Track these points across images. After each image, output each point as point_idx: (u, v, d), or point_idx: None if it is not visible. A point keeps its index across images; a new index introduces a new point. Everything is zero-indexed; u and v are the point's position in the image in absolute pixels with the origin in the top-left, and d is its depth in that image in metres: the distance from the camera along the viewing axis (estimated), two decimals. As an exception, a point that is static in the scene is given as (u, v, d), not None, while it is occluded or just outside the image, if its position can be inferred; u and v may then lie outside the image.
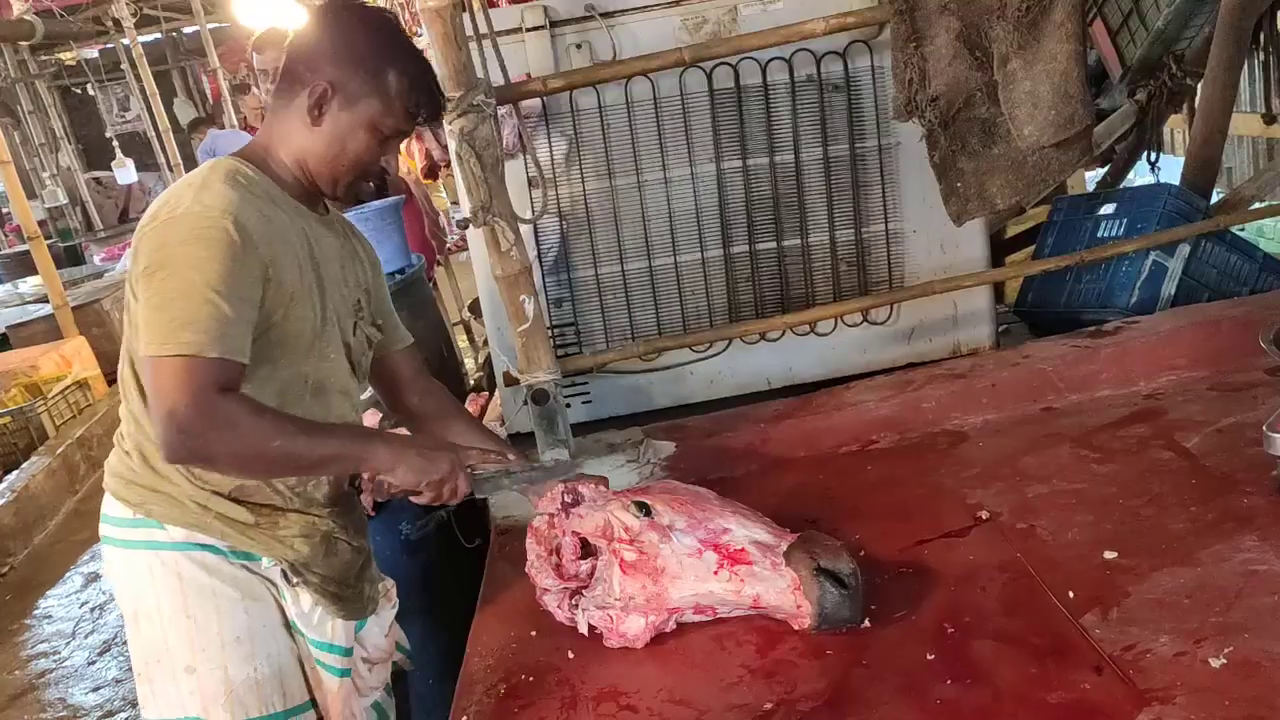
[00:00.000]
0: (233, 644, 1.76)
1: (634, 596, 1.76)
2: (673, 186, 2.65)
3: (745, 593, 1.75)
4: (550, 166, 2.58)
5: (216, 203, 1.61)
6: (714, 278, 2.72)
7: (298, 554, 1.80)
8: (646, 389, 2.78)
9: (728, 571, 1.75)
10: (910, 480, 2.23)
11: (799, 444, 2.43)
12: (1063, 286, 2.99)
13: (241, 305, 1.59)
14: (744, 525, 1.82)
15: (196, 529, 1.75)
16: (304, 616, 1.82)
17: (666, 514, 1.81)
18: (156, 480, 1.75)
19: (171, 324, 1.54)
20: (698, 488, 1.96)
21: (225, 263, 1.57)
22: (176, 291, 1.55)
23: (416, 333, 3.26)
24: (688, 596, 1.76)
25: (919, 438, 2.41)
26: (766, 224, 2.69)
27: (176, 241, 1.58)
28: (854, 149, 2.64)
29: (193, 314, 1.54)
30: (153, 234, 1.61)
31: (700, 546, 1.77)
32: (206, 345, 1.54)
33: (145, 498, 1.76)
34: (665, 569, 1.76)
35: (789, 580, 1.72)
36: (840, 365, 2.78)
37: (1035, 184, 2.25)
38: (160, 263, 1.58)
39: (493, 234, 2.22)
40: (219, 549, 1.77)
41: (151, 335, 1.56)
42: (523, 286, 2.29)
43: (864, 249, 2.72)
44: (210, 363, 1.54)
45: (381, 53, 1.73)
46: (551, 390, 2.36)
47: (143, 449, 1.76)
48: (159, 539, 1.76)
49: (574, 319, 2.73)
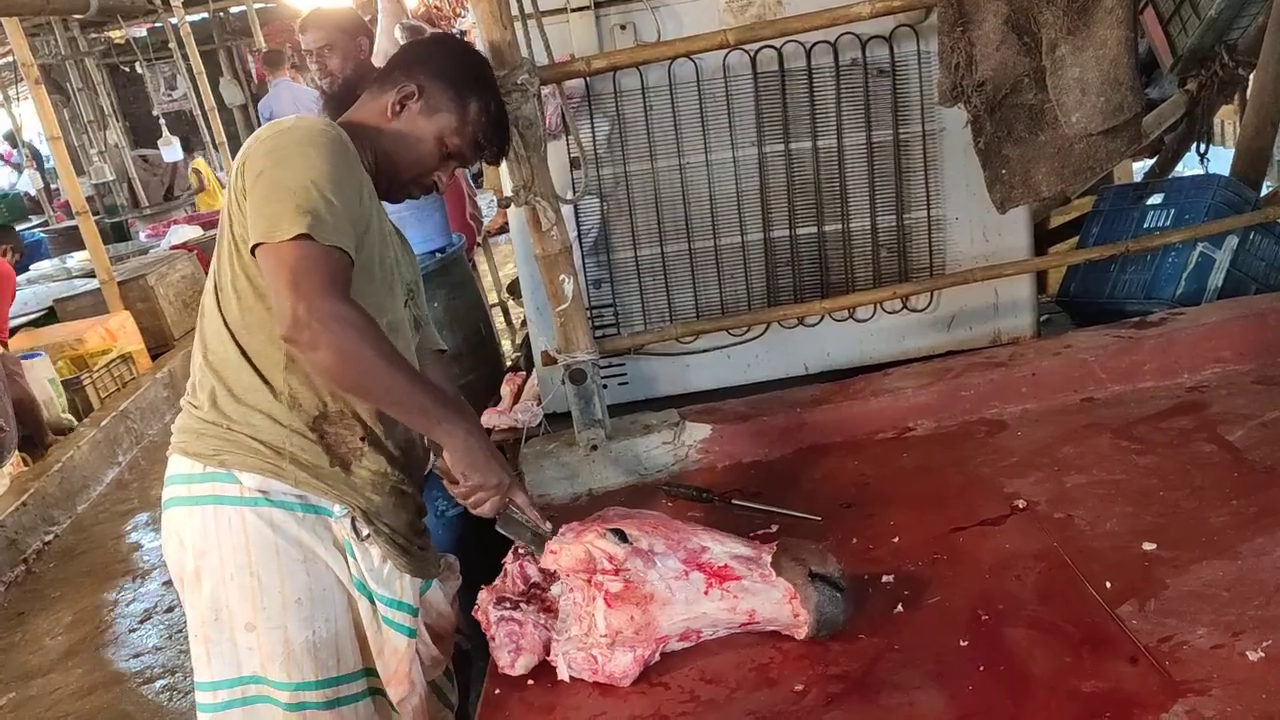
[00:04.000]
0: (294, 605, 1.78)
1: (621, 630, 1.67)
2: (714, 169, 2.65)
3: (740, 608, 1.70)
4: (592, 147, 2.59)
5: (328, 125, 1.73)
6: (753, 262, 2.72)
7: (370, 502, 1.83)
8: (683, 372, 2.78)
9: (718, 590, 1.70)
10: (947, 468, 2.22)
11: (835, 429, 2.43)
12: (1107, 277, 2.95)
13: (349, 206, 1.67)
14: (719, 541, 1.78)
15: (271, 475, 1.77)
16: (374, 572, 1.84)
17: (644, 538, 1.74)
18: (231, 424, 1.77)
19: (290, 210, 1.60)
20: (649, 511, 1.89)
21: (337, 165, 1.67)
22: (293, 182, 1.62)
23: (456, 310, 3.34)
24: (678, 622, 1.70)
25: (957, 426, 2.40)
26: (807, 209, 2.68)
27: (290, 144, 1.67)
28: (898, 134, 2.62)
29: (310, 203, 1.61)
30: (263, 144, 1.69)
31: (684, 568, 1.72)
32: (326, 236, 1.61)
33: (219, 446, 1.77)
34: (654, 595, 1.68)
35: (783, 590, 1.69)
36: (878, 352, 2.78)
37: (1082, 172, 2.22)
38: (275, 161, 1.66)
39: (534, 213, 2.23)
40: (289, 504, 1.79)
41: (270, 223, 1.61)
42: (562, 266, 2.30)
43: (905, 235, 2.70)
44: (329, 254, 1.61)
45: (474, 83, 1.87)
46: (589, 370, 2.37)
47: (216, 394, 1.78)
48: (228, 493, 1.77)
49: (612, 300, 2.73)
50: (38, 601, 4.72)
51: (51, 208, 13.58)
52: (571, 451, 2.42)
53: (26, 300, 8.00)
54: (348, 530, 1.82)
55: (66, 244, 10.74)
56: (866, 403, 2.47)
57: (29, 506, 5.22)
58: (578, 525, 1.79)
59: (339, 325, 1.58)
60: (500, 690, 1.74)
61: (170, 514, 1.85)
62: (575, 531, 1.76)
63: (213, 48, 14.66)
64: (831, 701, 1.56)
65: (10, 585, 4.86)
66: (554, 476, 2.40)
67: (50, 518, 5.36)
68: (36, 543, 5.18)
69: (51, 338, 6.84)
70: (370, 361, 1.61)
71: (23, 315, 7.41)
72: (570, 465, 2.40)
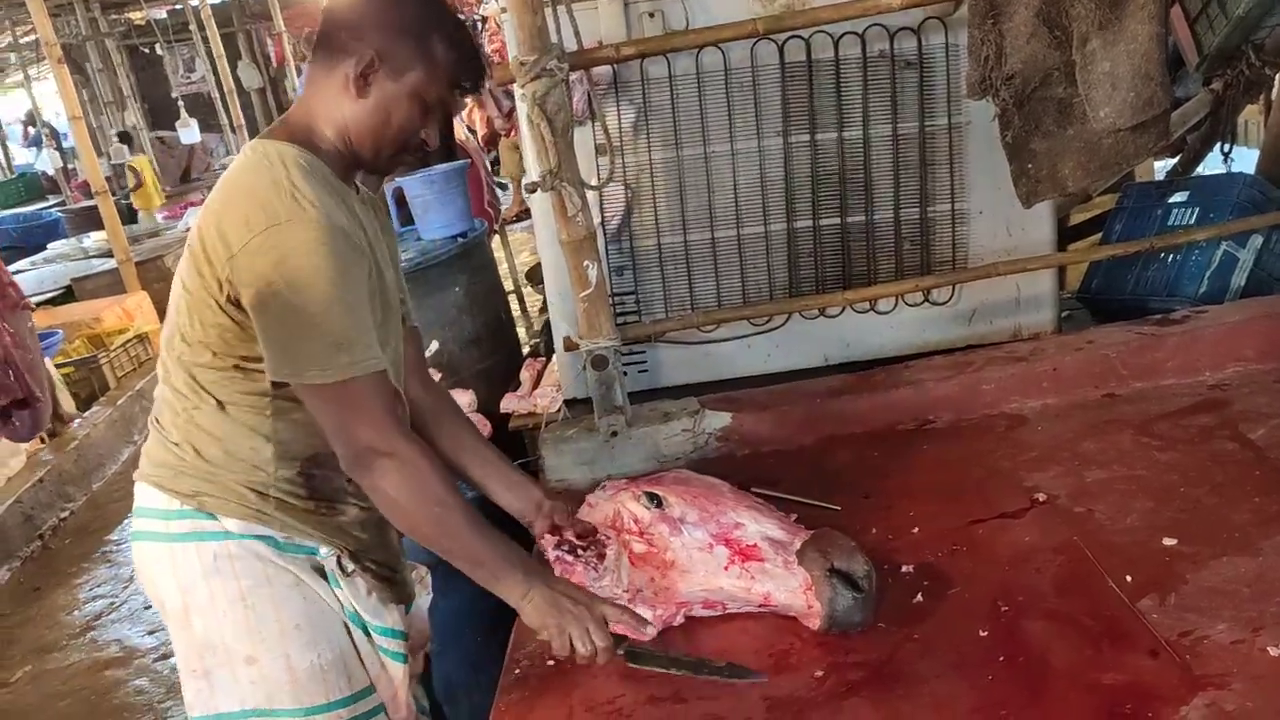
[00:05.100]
0: (293, 631, 1.73)
1: (642, 589, 1.74)
2: (739, 159, 2.65)
3: (755, 590, 1.73)
4: (618, 134, 2.59)
5: (317, 203, 1.56)
6: (776, 252, 2.72)
7: (358, 541, 1.80)
8: (703, 360, 2.79)
9: (738, 568, 1.73)
10: (966, 460, 2.22)
11: (855, 420, 2.43)
12: (1129, 274, 2.95)
13: (368, 310, 1.61)
14: (757, 520, 1.80)
15: (254, 519, 1.72)
16: (365, 605, 1.79)
17: (678, 506, 1.79)
18: (212, 470, 1.71)
19: (322, 351, 1.54)
20: (712, 479, 1.94)
21: (350, 269, 1.57)
22: (316, 308, 1.53)
23: (477, 295, 3.35)
24: (696, 591, 1.75)
25: (977, 419, 2.40)
26: (831, 200, 2.68)
27: (296, 253, 1.53)
28: (923, 127, 2.62)
29: (342, 331, 1.55)
30: (261, 247, 1.53)
31: (711, 541, 1.75)
32: (365, 363, 1.56)
33: (199, 488, 1.71)
34: (675, 562, 1.74)
35: (800, 579, 1.70)
36: (899, 344, 2.78)
37: (1109, 167, 2.22)
38: (285, 279, 1.53)
39: (559, 199, 2.24)
40: (272, 540, 1.74)
41: (306, 362, 1.55)
42: (587, 252, 2.31)
43: (929, 228, 2.70)
44: (374, 380, 1.58)
45: (428, 19, 1.68)
46: (611, 356, 2.38)
47: (194, 441, 1.72)
48: (209, 529, 1.72)
49: (634, 287, 2.74)
50: (53, 577, 4.76)
51: (69, 187, 13.66)
52: (591, 437, 2.43)
53: (44, 279, 8.06)
54: (333, 567, 1.77)
55: (83, 224, 10.80)
56: (887, 394, 2.47)
57: (45, 483, 5.27)
58: (622, 483, 1.85)
59: (404, 473, 1.58)
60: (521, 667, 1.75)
61: (144, 549, 1.78)
62: (615, 489, 1.83)
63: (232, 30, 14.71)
64: (851, 689, 1.57)
65: (26, 561, 4.91)
66: (573, 462, 2.41)
67: (66, 494, 5.40)
68: (53, 519, 5.22)
69: (69, 316, 6.90)
70: (422, 508, 1.60)
71: (40, 294, 7.46)
72: (589, 451, 2.42)
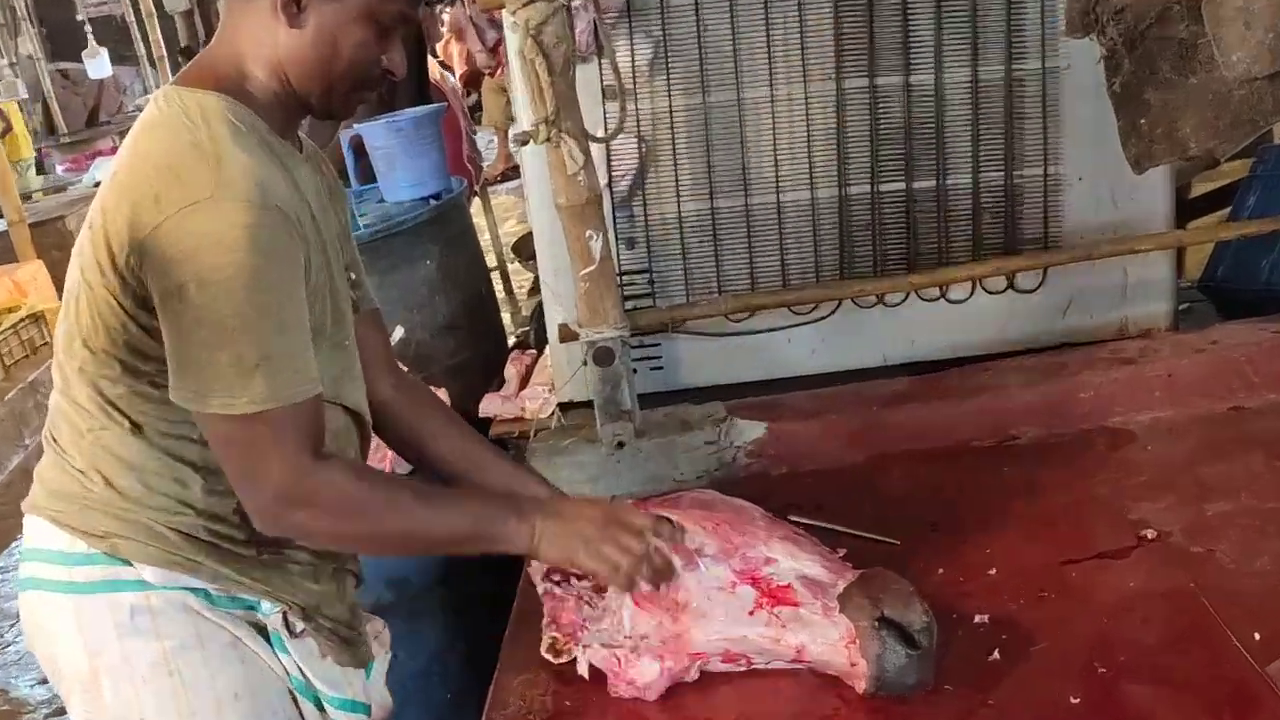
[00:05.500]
0: (231, 702, 1.71)
1: (648, 635, 1.73)
2: (780, 107, 2.66)
3: (787, 641, 1.71)
4: (631, 75, 2.59)
5: (250, 175, 1.54)
6: (825, 223, 2.73)
7: (309, 593, 1.77)
8: (732, 356, 2.80)
9: (766, 613, 1.71)
10: (1058, 487, 2.23)
11: (920, 434, 2.45)
12: (1264, 258, 2.96)
13: (304, 316, 1.60)
14: (792, 555, 1.79)
15: (178, 567, 1.68)
16: (319, 671, 1.78)
17: (695, 535, 1.78)
18: (126, 506, 1.67)
19: (238, 369, 1.52)
20: (740, 502, 1.94)
21: (284, 266, 1.56)
22: (230, 316, 1.51)
23: (453, 270, 3.36)
24: (715, 641, 1.73)
25: (1071, 435, 2.41)
26: (894, 160, 2.69)
27: (215, 242, 1.49)
28: (1010, 71, 2.63)
29: (261, 349, 1.53)
30: (173, 233, 1.50)
31: (734, 579, 1.74)
32: (287, 391, 1.55)
33: (111, 528, 1.67)
34: (688, 604, 1.72)
35: (843, 630, 1.69)
36: (976, 340, 2.78)
37: (1241, 125, 2.21)
38: (196, 275, 1.49)
39: (557, 154, 2.25)
40: (203, 591, 1.71)
41: (212, 384, 1.53)
42: (590, 220, 2.32)
43: (1014, 197, 2.71)
44: (295, 411, 1.56)
45: None
46: (617, 349, 2.39)
47: (103, 469, 1.67)
48: (123, 577, 1.68)
49: (648, 265, 2.75)
50: (-74, 611, 4.78)
51: (-50, 132, 13.69)
52: (592, 449, 2.44)
53: (-84, 243, 8.06)
54: (278, 626, 1.75)
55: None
56: (960, 403, 2.49)
57: (-84, 495, 5.27)
58: (628, 504, 1.86)
59: (332, 512, 1.61)
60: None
61: (38, 600, 1.74)
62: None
63: (153, -61, 14.72)
64: (907, 768, 1.58)
65: (-108, 590, 4.92)
66: (569, 479, 2.41)
67: (-58, 509, 5.41)
68: (-75, 539, 5.23)
69: (-57, 291, 6.88)
70: (379, 530, 1.65)
71: (-90, 261, 7.46)
72: (589, 466, 2.43)
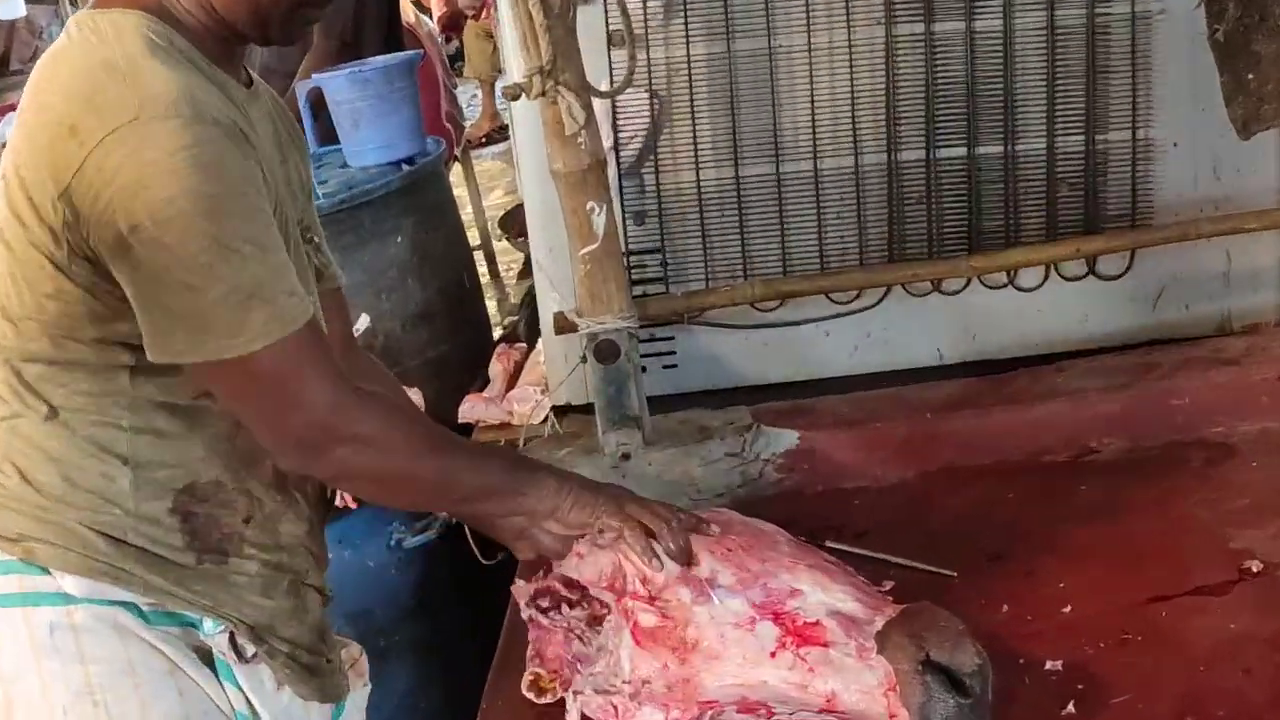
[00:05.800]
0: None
1: (650, 680, 1.72)
2: (818, 57, 2.67)
3: (815, 688, 1.69)
4: (643, 17, 2.59)
5: (167, 93, 1.54)
6: (870, 196, 2.74)
7: (257, 610, 1.79)
8: (759, 352, 2.81)
9: (791, 654, 1.70)
10: (1145, 509, 2.24)
11: (981, 446, 2.46)
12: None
13: (275, 230, 1.65)
14: (822, 586, 1.78)
15: (104, 577, 1.70)
16: (272, 705, 1.80)
17: (707, 561, 1.79)
18: (44, 505, 1.70)
19: (228, 305, 1.56)
20: (764, 524, 1.95)
21: (234, 186, 1.59)
22: (199, 245, 1.54)
23: (429, 248, 3.39)
24: (729, 686, 1.71)
25: (1160, 449, 2.42)
26: (953, 121, 2.70)
27: (155, 167, 1.51)
28: (1093, 14, 2.63)
29: (249, 274, 1.57)
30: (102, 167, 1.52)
31: (753, 614, 1.74)
32: (291, 313, 1.61)
33: (27, 530, 1.70)
34: (699, 643, 1.72)
35: (881, 676, 1.66)
36: (1049, 336, 2.80)
37: (1367, 83, 2.23)
38: (148, 208, 1.52)
39: (554, 111, 2.26)
40: (138, 608, 1.73)
41: (202, 331, 1.57)
42: (592, 189, 2.33)
43: (1097, 165, 2.72)
44: (309, 334, 1.64)
45: None
46: (623, 343, 2.40)
47: (17, 461, 1.71)
48: (42, 588, 1.70)
49: (660, 243, 2.76)
50: None
51: None
52: (592, 461, 2.46)
53: None
54: (224, 649, 1.77)
55: None
56: (1029, 409, 2.50)
57: None
58: None
59: (368, 447, 1.69)
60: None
61: None
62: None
63: None
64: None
65: None
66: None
67: None
68: None
69: None
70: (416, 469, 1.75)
71: None
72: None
